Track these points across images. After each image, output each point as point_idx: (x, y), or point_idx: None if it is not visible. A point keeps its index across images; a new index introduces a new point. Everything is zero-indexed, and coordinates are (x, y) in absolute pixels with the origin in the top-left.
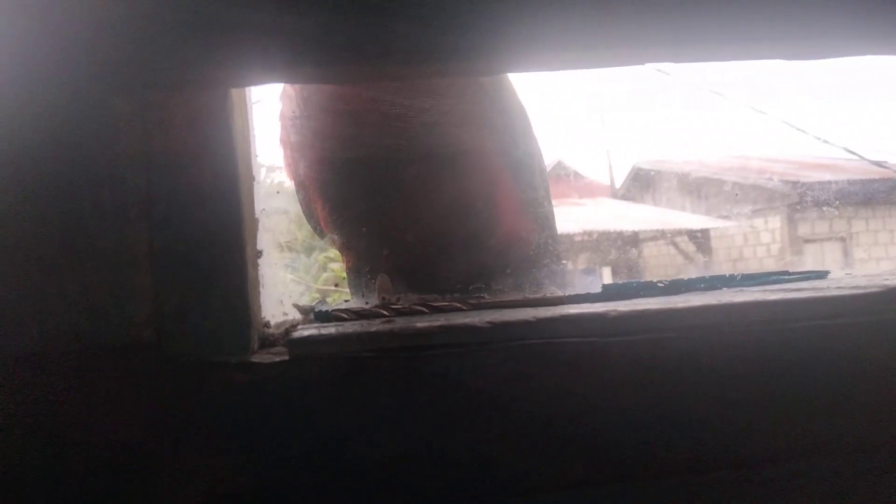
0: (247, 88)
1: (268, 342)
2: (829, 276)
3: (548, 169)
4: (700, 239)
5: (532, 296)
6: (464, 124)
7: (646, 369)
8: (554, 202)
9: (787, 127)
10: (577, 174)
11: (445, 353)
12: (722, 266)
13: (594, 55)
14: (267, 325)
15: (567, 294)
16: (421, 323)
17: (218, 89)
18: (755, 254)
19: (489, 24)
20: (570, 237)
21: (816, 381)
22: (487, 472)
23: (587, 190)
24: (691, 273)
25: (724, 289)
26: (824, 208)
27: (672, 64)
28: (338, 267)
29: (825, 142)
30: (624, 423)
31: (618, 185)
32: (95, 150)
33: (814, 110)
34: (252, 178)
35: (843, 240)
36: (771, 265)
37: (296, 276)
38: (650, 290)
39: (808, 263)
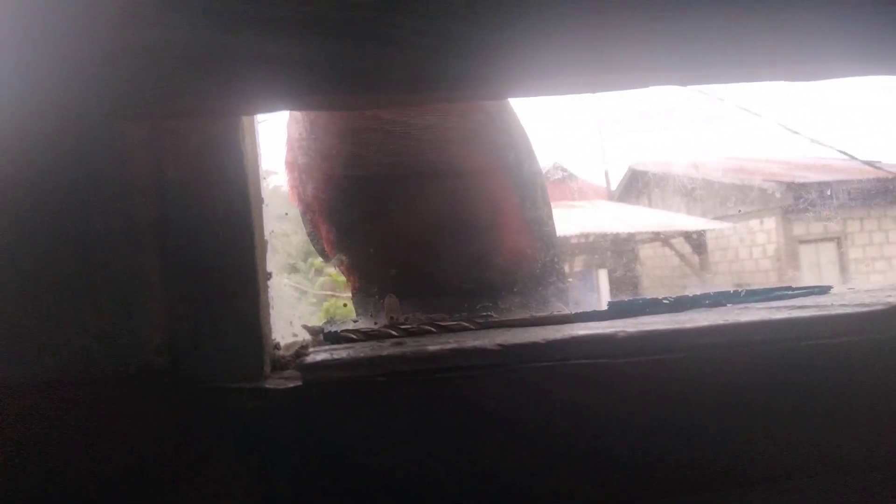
0: None
1: (279, 365)
2: (832, 290)
3: (544, 171)
4: (696, 240)
5: (539, 314)
6: (467, 143)
7: (655, 390)
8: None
9: (782, 129)
10: (572, 176)
11: (457, 376)
12: (718, 267)
13: (598, 80)
14: (277, 346)
15: (574, 312)
16: (432, 346)
17: (229, 117)
18: (751, 254)
19: (494, 51)
20: (566, 239)
21: (820, 400)
22: (499, 492)
23: (583, 192)
24: (689, 276)
25: (729, 305)
26: (819, 209)
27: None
28: (334, 272)
29: (819, 143)
30: (633, 444)
31: (613, 186)
32: (107, 178)
33: (808, 112)
34: (261, 201)
35: (837, 240)
36: (766, 265)
37: (292, 280)
38: (655, 307)
39: (804, 264)
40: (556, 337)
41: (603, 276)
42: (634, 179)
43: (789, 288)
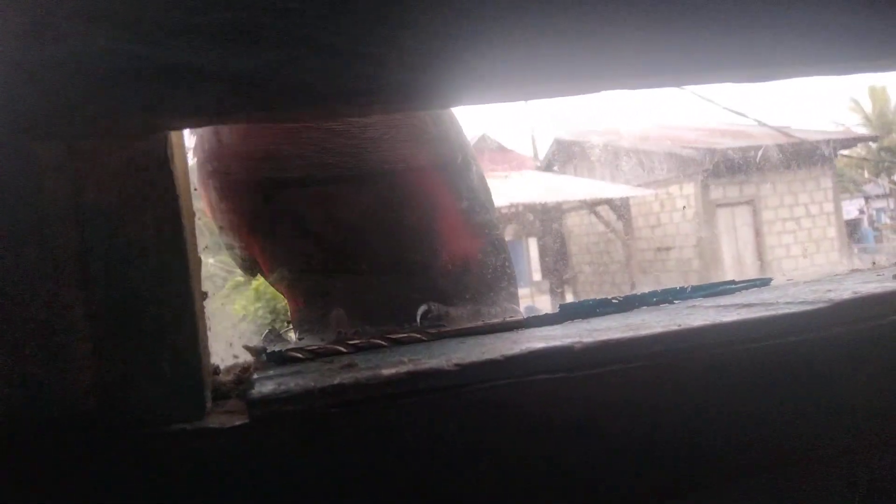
0: None
1: (220, 393)
2: (772, 282)
3: (472, 142)
4: (620, 207)
5: (491, 321)
6: (409, 139)
7: (613, 402)
8: None
9: (699, 98)
10: (501, 147)
11: (414, 401)
12: (641, 232)
13: (548, 87)
14: (217, 371)
15: (526, 317)
16: (387, 370)
17: (156, 134)
18: (672, 219)
19: (441, 60)
20: (497, 210)
21: (772, 399)
22: None
23: (511, 162)
24: (614, 242)
25: (677, 302)
26: (734, 174)
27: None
28: None
29: (732, 111)
30: (595, 459)
31: (541, 156)
32: (19, 204)
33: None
34: (193, 216)
35: (752, 203)
36: (687, 229)
37: (217, 260)
38: (605, 307)
39: (721, 226)
40: (513, 352)
41: (533, 245)
42: (560, 149)
43: (732, 282)
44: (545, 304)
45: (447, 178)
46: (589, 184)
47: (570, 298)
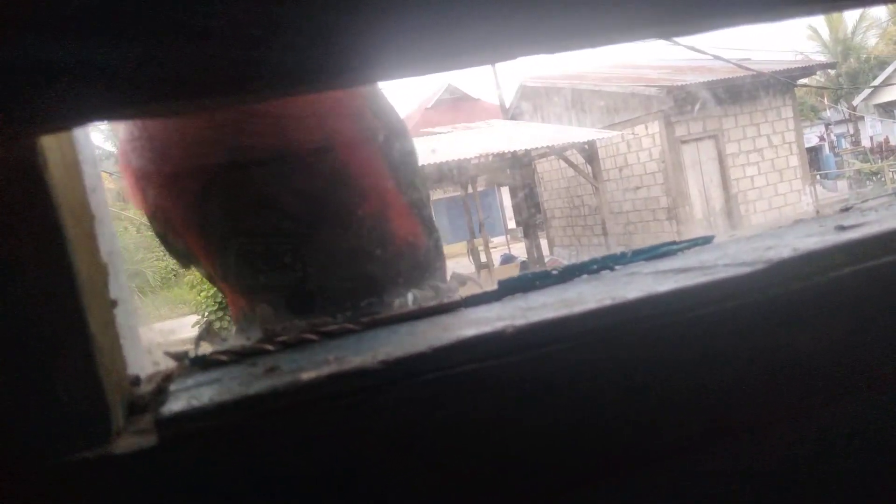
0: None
1: (138, 407)
2: (714, 240)
3: (438, 94)
4: (587, 151)
5: (427, 305)
6: (332, 116)
7: (546, 386)
8: (448, 128)
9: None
10: (467, 96)
11: (338, 404)
12: (610, 174)
13: (463, 58)
14: (136, 381)
15: (462, 298)
16: (307, 373)
17: (21, 141)
18: (639, 159)
19: (341, 37)
20: (467, 161)
21: (712, 370)
22: None
23: (478, 112)
24: (584, 185)
25: (617, 268)
26: (697, 110)
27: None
28: None
29: (693, 49)
30: (529, 445)
31: (507, 104)
32: None
33: None
34: (91, 219)
35: (715, 137)
36: (654, 168)
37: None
38: (545, 279)
39: (687, 162)
40: (442, 343)
41: (505, 193)
42: (526, 96)
43: (673, 243)
44: (521, 251)
45: (372, 157)
46: (556, 129)
47: (544, 244)
